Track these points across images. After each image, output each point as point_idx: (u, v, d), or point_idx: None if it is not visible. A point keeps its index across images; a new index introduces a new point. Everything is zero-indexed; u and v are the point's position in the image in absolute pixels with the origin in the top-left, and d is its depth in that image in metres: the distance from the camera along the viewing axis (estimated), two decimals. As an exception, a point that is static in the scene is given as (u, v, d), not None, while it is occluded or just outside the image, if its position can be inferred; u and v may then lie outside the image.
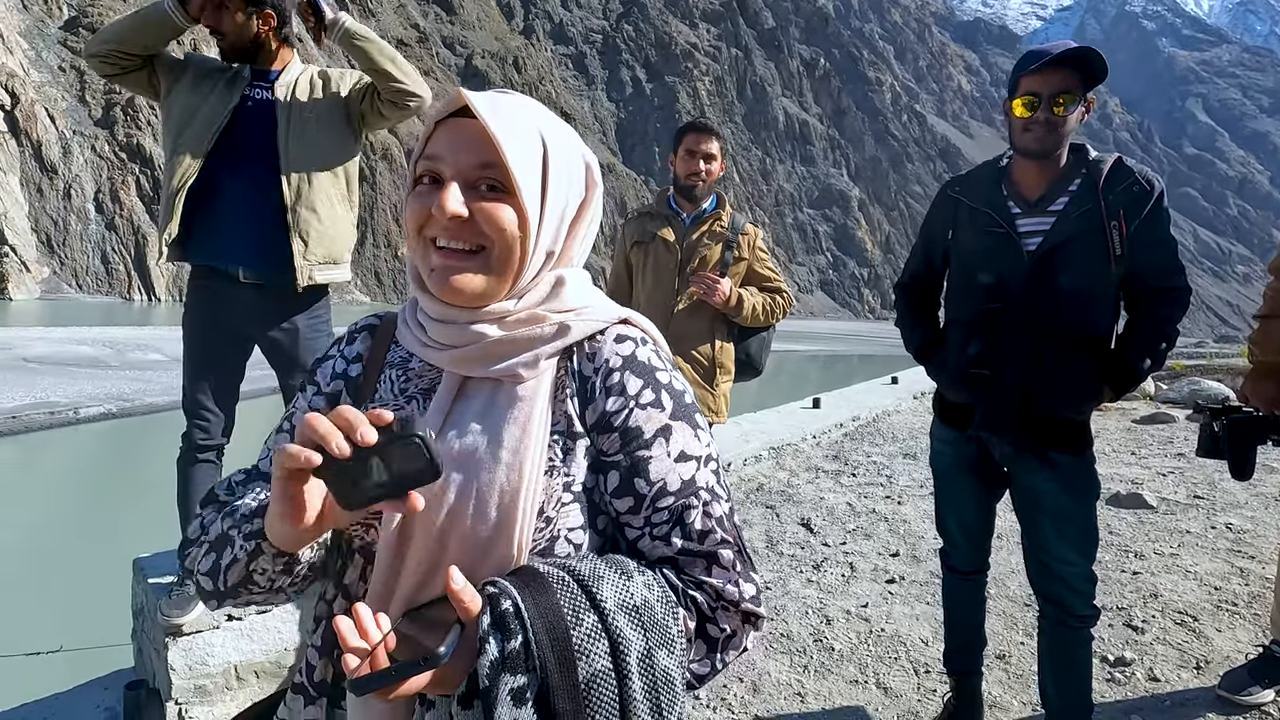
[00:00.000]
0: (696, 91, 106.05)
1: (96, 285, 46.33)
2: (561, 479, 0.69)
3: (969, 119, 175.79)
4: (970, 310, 1.74)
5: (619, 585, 0.63)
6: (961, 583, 2.00)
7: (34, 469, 11.14)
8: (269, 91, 2.08)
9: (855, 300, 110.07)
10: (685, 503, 0.69)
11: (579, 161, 0.74)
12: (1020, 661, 2.44)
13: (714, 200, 2.57)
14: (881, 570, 3.21)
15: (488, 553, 0.66)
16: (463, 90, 0.68)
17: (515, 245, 0.68)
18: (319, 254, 2.09)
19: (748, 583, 0.70)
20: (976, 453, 1.81)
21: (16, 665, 3.38)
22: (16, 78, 46.97)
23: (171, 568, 2.23)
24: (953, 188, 1.83)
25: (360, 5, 75.26)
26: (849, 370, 32.96)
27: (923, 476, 4.71)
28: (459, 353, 0.71)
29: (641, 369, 0.72)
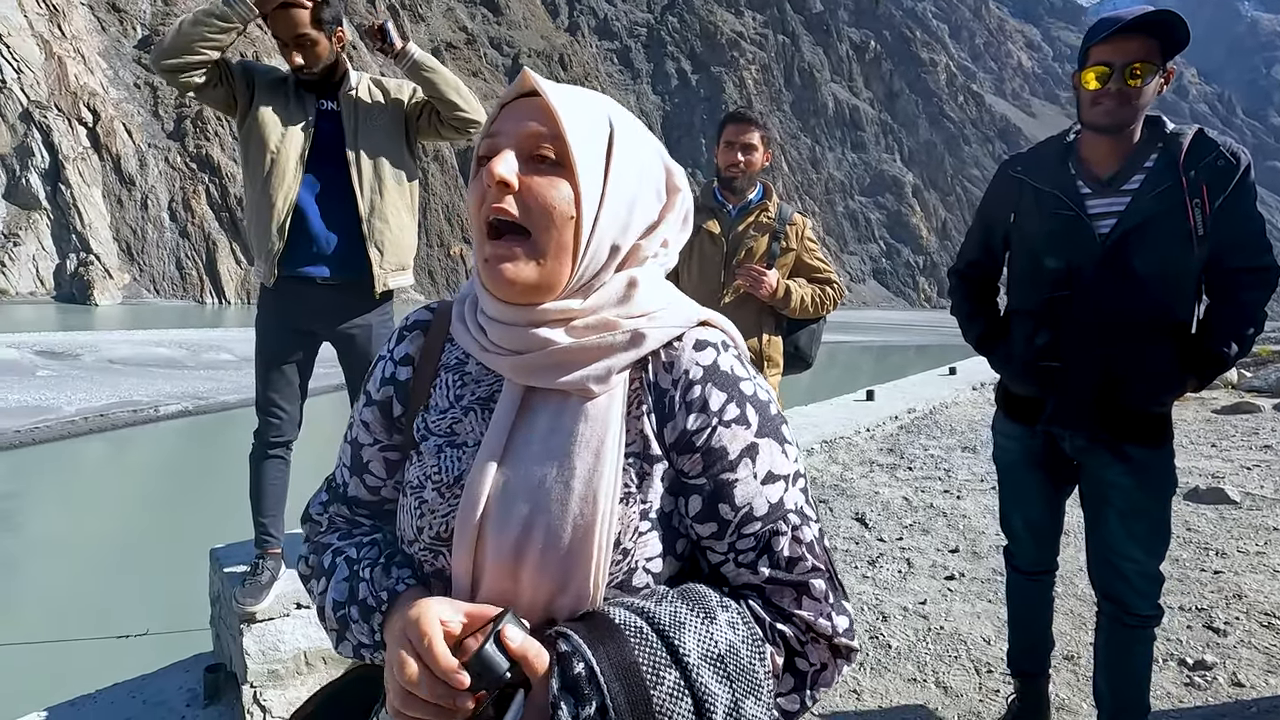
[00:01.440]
0: (743, 81, 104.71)
1: (172, 290, 49.01)
2: (638, 506, 0.64)
3: (1030, 97, 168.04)
4: (1037, 298, 1.65)
5: (702, 632, 0.58)
6: (1027, 582, 1.92)
7: (120, 463, 11.88)
8: (334, 103, 2.16)
9: (910, 289, 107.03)
10: (773, 528, 0.65)
11: (655, 161, 0.69)
12: (1091, 664, 2.34)
13: (760, 191, 2.53)
14: (940, 566, 3.12)
15: (563, 587, 0.61)
16: (529, 71, 0.64)
17: (568, 228, 0.62)
18: (392, 262, 2.21)
19: (840, 615, 0.66)
20: (1044, 447, 1.72)
21: (108, 646, 3.62)
22: (97, 96, 49.97)
23: (245, 557, 2.34)
24: (1014, 167, 1.71)
25: (410, 10, 77.07)
26: (904, 361, 32.08)
27: (983, 470, 4.55)
28: (522, 360, 0.65)
29: (725, 380, 0.66)
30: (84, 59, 50.81)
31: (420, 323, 0.77)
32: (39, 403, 13.63)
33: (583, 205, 0.62)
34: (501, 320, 0.66)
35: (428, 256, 60.70)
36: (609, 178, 0.64)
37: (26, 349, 19.75)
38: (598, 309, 0.65)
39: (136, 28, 55.93)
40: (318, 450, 2.52)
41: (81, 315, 36.56)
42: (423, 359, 0.74)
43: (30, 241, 45.12)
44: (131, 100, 52.68)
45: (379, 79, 2.28)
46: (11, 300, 42.29)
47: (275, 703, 2.14)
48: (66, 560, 7.76)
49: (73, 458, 11.50)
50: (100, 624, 4.76)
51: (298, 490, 2.31)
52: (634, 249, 0.67)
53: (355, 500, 0.78)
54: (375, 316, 2.26)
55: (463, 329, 0.70)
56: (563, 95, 0.64)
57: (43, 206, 45.93)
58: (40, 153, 46.21)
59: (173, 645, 3.03)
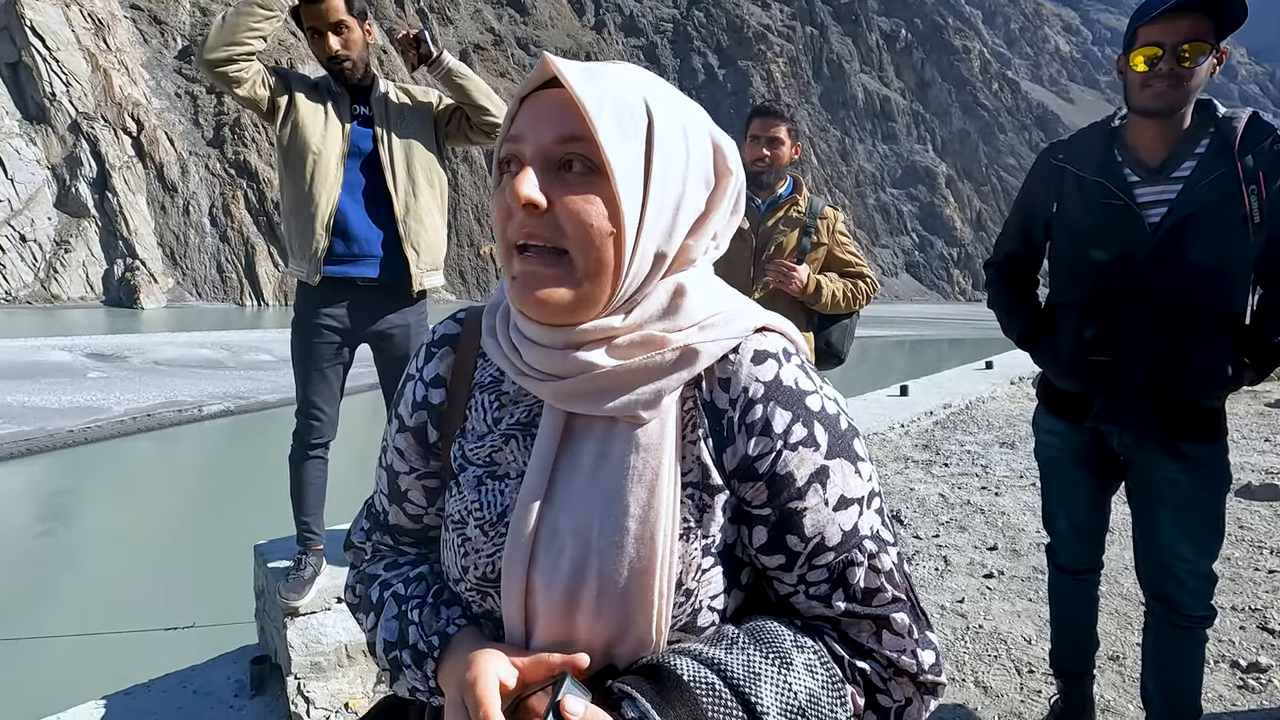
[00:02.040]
0: (771, 74, 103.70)
1: (213, 293, 50.47)
2: (699, 543, 0.58)
3: (1068, 83, 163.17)
4: (1083, 291, 1.58)
5: (779, 682, 0.53)
6: (1071, 582, 1.86)
7: (166, 461, 12.29)
8: (366, 107, 2.20)
9: (944, 282, 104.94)
10: (848, 558, 0.59)
11: (704, 141, 0.60)
12: (1137, 664, 2.27)
13: (790, 185, 2.51)
14: (978, 564, 3.06)
15: (623, 633, 0.57)
16: (549, 56, 0.54)
17: (608, 245, 0.55)
18: (427, 262, 2.26)
19: (925, 649, 0.60)
20: (1090, 444, 1.67)
21: (158, 638, 3.75)
22: (141, 106, 51.64)
23: (288, 553, 2.40)
24: (1056, 155, 1.65)
25: (439, 13, 78.00)
26: (938, 355, 31.49)
27: (1022, 466, 4.45)
28: (563, 386, 0.58)
29: (789, 397, 0.59)
30: (128, 71, 52.55)
31: (449, 337, 0.70)
32: (90, 403, 14.16)
33: (624, 219, 0.55)
34: (537, 342, 0.59)
35: (458, 257, 61.43)
36: (650, 179, 0.55)
37: (78, 351, 20.53)
38: (642, 324, 0.58)
39: (177, 39, 57.63)
40: (352, 448, 2.57)
41: (128, 318, 37.87)
42: (455, 378, 0.68)
43: (80, 248, 46.89)
44: (173, 109, 54.33)
45: (404, 85, 2.33)
46: (63, 305, 44.00)
47: (318, 694, 2.20)
48: (118, 554, 8.06)
49: (122, 456, 11.93)
50: (150, 616, 4.94)
51: (335, 486, 2.37)
52: (681, 250, 0.59)
53: (398, 529, 0.74)
54: (413, 315, 2.30)
55: (495, 345, 0.64)
56: (589, 84, 0.54)
57: (91, 214, 47.69)
58: (88, 162, 47.97)
59: (218, 637, 3.13)
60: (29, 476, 10.80)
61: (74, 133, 48.17)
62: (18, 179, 45.67)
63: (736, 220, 0.64)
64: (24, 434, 11.91)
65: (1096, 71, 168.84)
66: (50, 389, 15.22)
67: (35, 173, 46.67)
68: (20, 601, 6.88)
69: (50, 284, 45.15)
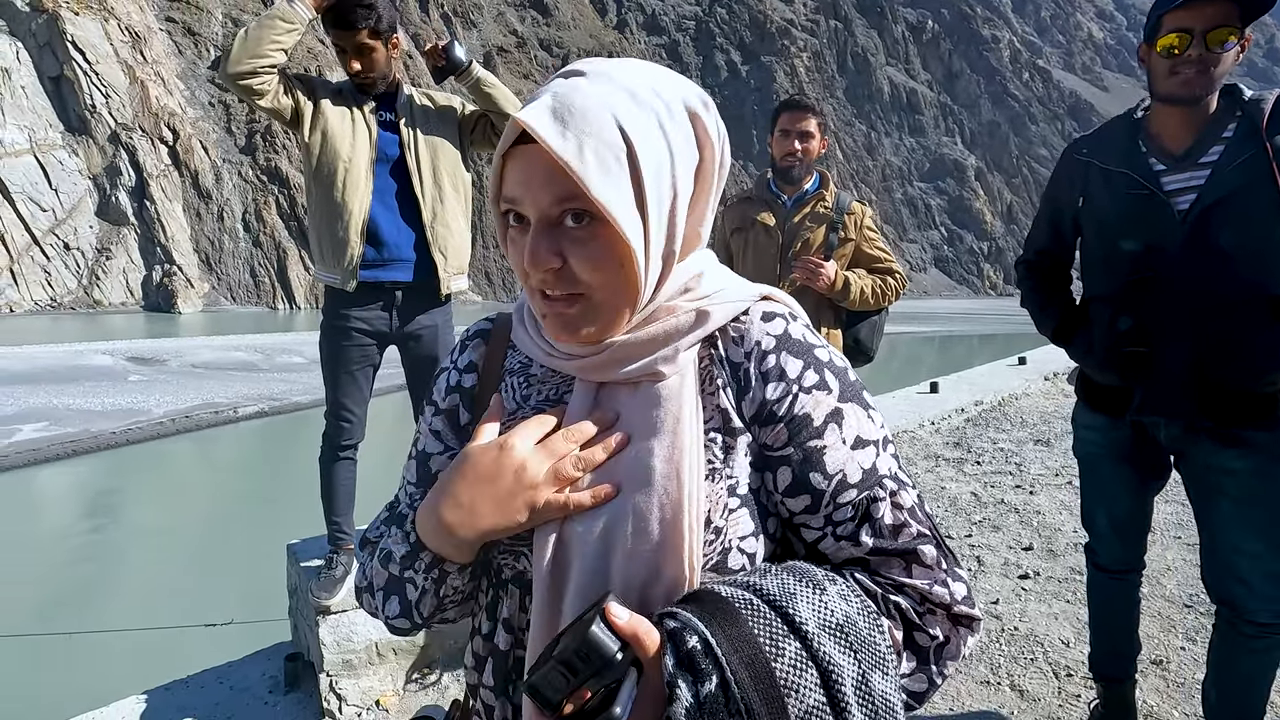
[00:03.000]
0: (794, 69, 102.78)
1: (247, 297, 51.63)
2: (725, 482, 0.61)
3: (1102, 70, 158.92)
4: (1115, 283, 1.58)
5: (814, 601, 0.54)
6: (1110, 581, 1.81)
7: (204, 461, 12.60)
8: (392, 113, 2.22)
9: (974, 276, 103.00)
10: (871, 494, 0.61)
11: (681, 124, 0.61)
12: (1181, 669, 2.21)
13: (817, 180, 2.48)
14: (1013, 565, 3.00)
15: (657, 575, 0.59)
16: (518, 117, 0.57)
17: (620, 275, 0.59)
18: (454, 266, 2.30)
19: (956, 581, 0.62)
20: (1132, 439, 1.64)
21: (198, 634, 3.84)
22: (176, 115, 53.03)
23: (320, 552, 2.44)
24: (1079, 150, 1.66)
25: (462, 17, 78.78)
26: (969, 351, 30.92)
27: (1057, 464, 4.34)
28: (588, 361, 0.64)
29: (799, 348, 0.64)
30: (164, 82, 54.01)
31: (482, 331, 0.77)
32: (131, 405, 14.59)
33: (633, 249, 0.58)
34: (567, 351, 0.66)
35: (483, 257, 62.01)
36: (645, 202, 0.58)
37: (119, 355, 21.15)
38: (658, 302, 0.64)
39: (210, 49, 59.07)
40: (380, 449, 2.61)
41: (167, 323, 38.94)
42: (487, 365, 0.73)
43: (120, 255, 48.32)
44: (207, 118, 55.71)
45: (427, 90, 2.35)
46: (105, 310, 45.41)
47: (350, 691, 2.23)
48: (159, 552, 8.29)
49: (162, 457, 12.26)
50: (191, 612, 5.07)
51: (364, 487, 2.40)
52: (689, 235, 0.64)
53: None
54: (440, 316, 2.33)
55: (525, 335, 0.69)
56: (565, 135, 0.55)
57: (130, 222, 49.10)
58: (127, 171, 49.40)
59: (255, 633, 3.20)
60: (74, 477, 11.16)
61: (113, 143, 49.67)
62: (61, 189, 47.23)
63: (722, 183, 0.66)
64: (69, 436, 12.31)
65: (1132, 58, 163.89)
66: (93, 392, 15.71)
67: (78, 183, 48.23)
68: (69, 598, 7.11)
69: (93, 290, 46.63)
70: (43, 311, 43.40)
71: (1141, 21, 1.60)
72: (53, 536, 8.92)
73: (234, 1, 62.12)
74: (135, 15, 55.02)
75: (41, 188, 46.34)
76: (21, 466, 11.11)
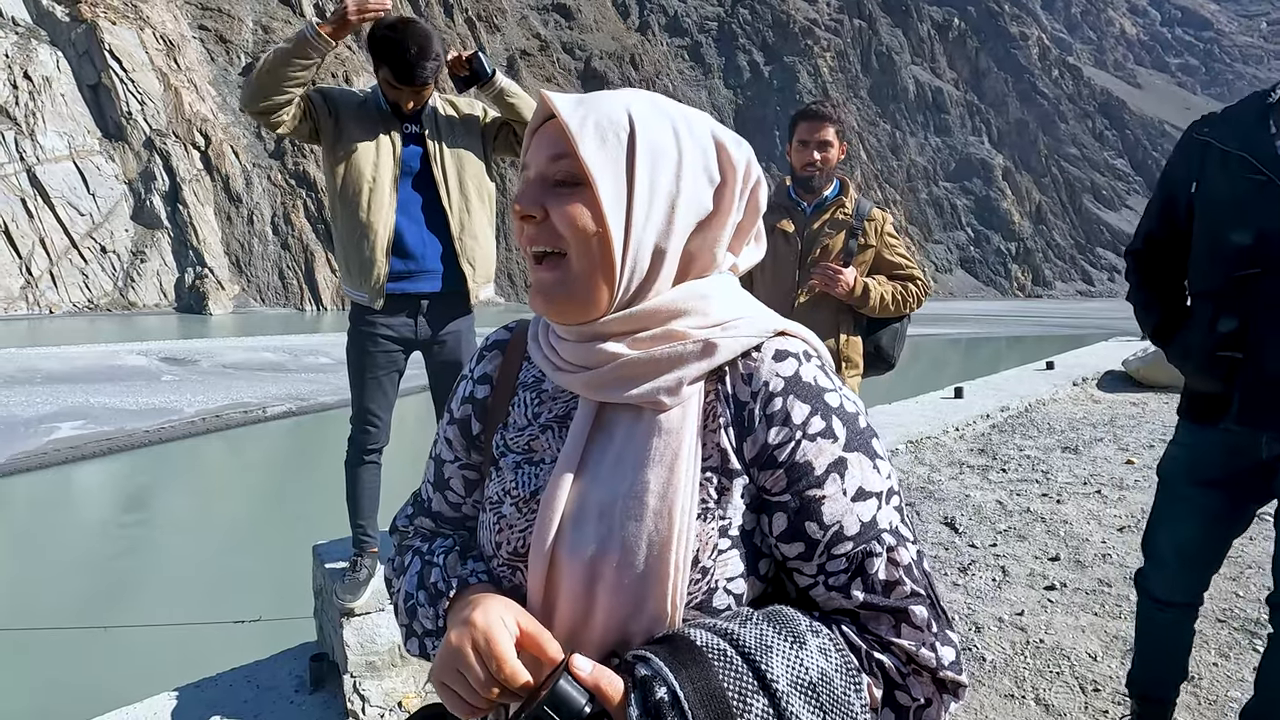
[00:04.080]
0: (818, 69, 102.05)
1: (275, 298, 52.62)
2: (717, 523, 0.61)
3: (1135, 67, 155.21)
4: (1219, 278, 1.44)
5: (790, 656, 0.54)
6: (1158, 613, 1.69)
7: (233, 459, 12.86)
8: (417, 125, 2.23)
9: (1001, 277, 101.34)
10: (866, 549, 0.60)
11: (702, 139, 0.63)
12: (1214, 686, 2.15)
13: (837, 186, 2.46)
14: (1039, 575, 2.94)
15: (640, 608, 0.59)
16: (544, 93, 0.61)
17: (593, 242, 0.60)
18: (482, 276, 2.32)
19: (945, 646, 0.60)
20: (1224, 455, 1.49)
21: (227, 629, 3.93)
22: (208, 121, 54.27)
23: (344, 553, 2.48)
24: (1201, 129, 1.51)
25: (486, 21, 79.48)
26: (994, 354, 30.43)
27: (1085, 473, 4.26)
28: (591, 376, 0.63)
29: (807, 391, 0.62)
30: (196, 88, 55.31)
31: (499, 343, 0.77)
32: (164, 405, 14.96)
33: (607, 218, 0.60)
34: (568, 339, 0.66)
35: (507, 260, 62.49)
36: (635, 180, 0.60)
37: (153, 356, 21.70)
38: (664, 321, 0.62)
39: (241, 56, 60.36)
40: (403, 451, 2.65)
41: (198, 324, 39.83)
42: (501, 378, 0.74)
43: (154, 258, 49.56)
44: (237, 124, 56.91)
45: (450, 98, 2.35)
46: (139, 312, 46.58)
47: (373, 692, 2.27)
48: (189, 548, 8.48)
49: (194, 455, 12.55)
50: (218, 607, 5.19)
51: (387, 489, 2.44)
52: (695, 250, 0.63)
53: (439, 515, 0.80)
54: (463, 323, 2.36)
55: (537, 348, 0.70)
56: (576, 109, 0.61)
57: (164, 225, 50.33)
58: (161, 176, 50.65)
59: (281, 630, 3.27)
60: (109, 474, 11.47)
61: (148, 149, 50.96)
62: (98, 194, 48.59)
63: (756, 219, 0.67)
64: (105, 434, 12.66)
65: (1166, 54, 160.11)
66: (128, 391, 16.13)
67: (114, 188, 49.58)
68: (105, 592, 7.31)
69: (128, 292, 47.87)
70: (80, 313, 44.66)
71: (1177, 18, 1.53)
72: (90, 532, 9.18)
73: (264, 9, 63.40)
74: (170, 24, 56.44)
75: (80, 192, 47.72)
76: (60, 464, 11.44)
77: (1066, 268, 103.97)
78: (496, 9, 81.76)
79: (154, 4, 55.84)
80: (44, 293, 44.53)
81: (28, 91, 47.38)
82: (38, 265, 44.68)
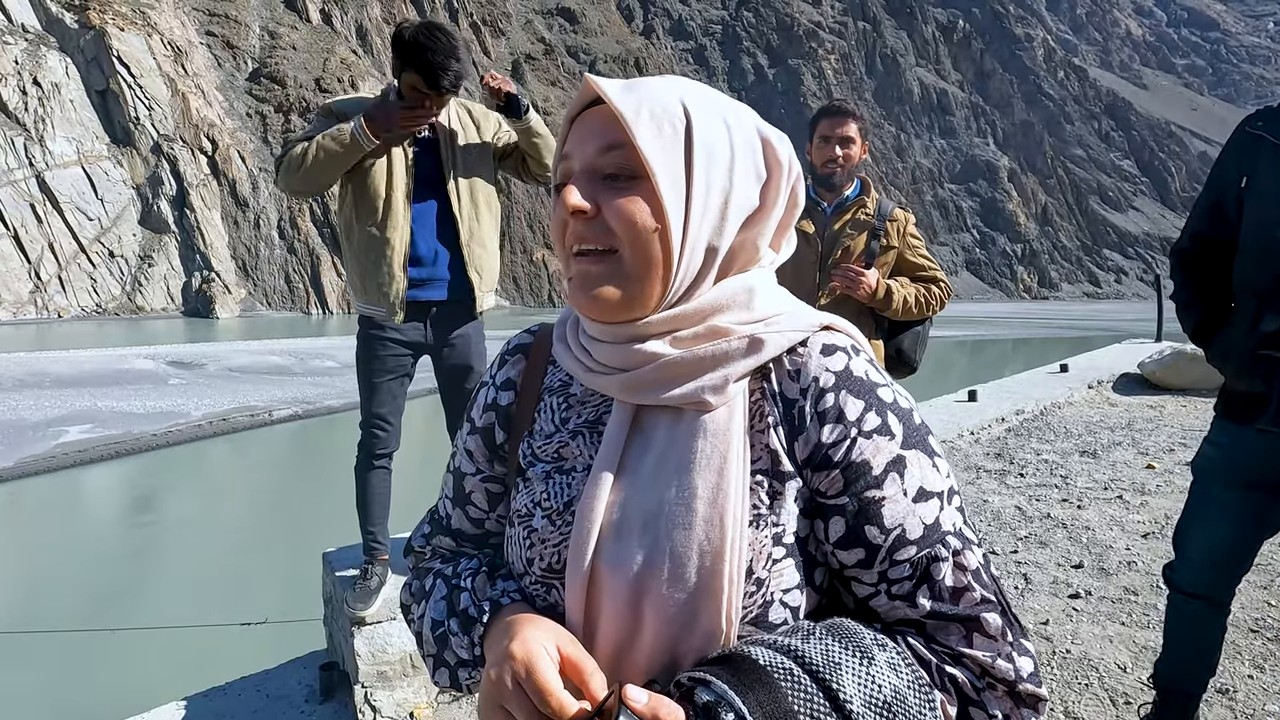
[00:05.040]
0: (822, 72, 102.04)
1: (281, 302, 52.81)
2: (770, 530, 0.57)
3: (1141, 67, 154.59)
4: (1267, 276, 1.42)
5: (861, 674, 0.50)
6: (1185, 604, 1.67)
7: (240, 463, 12.87)
8: (431, 130, 2.22)
9: (1007, 279, 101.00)
10: (931, 553, 0.56)
11: (750, 136, 0.61)
12: (1250, 699, 2.09)
13: (858, 186, 2.41)
14: (1062, 583, 2.88)
15: (691, 625, 0.55)
16: (590, 76, 0.58)
17: (654, 241, 0.56)
18: (487, 284, 2.33)
19: (1023, 656, 0.56)
20: (1260, 456, 1.48)
21: (233, 632, 3.90)
22: (216, 126, 54.56)
23: (354, 560, 2.45)
24: (1255, 122, 1.48)
25: (491, 25, 79.76)
26: (1001, 356, 30.33)
27: (1105, 477, 4.19)
28: (629, 377, 0.59)
29: (860, 387, 0.59)
30: (203, 94, 55.63)
31: (521, 346, 0.73)
32: (171, 408, 14.98)
33: (668, 215, 0.56)
34: (604, 339, 0.61)
35: (512, 263, 62.57)
36: (693, 176, 0.57)
37: (160, 360, 21.76)
38: (706, 317, 0.59)
39: (248, 62, 60.70)
40: (410, 453, 2.61)
41: (205, 328, 39.99)
42: (525, 383, 0.70)
43: (162, 262, 49.81)
44: (244, 129, 57.22)
45: (465, 103, 2.34)
46: (147, 316, 46.82)
47: (384, 703, 2.22)
48: (197, 551, 8.47)
49: (201, 459, 12.56)
50: (226, 610, 5.17)
51: (396, 494, 2.40)
52: (739, 246, 0.61)
53: (459, 533, 0.74)
54: (472, 327, 2.36)
55: (565, 350, 0.66)
56: (627, 96, 0.57)
57: (171, 230, 50.59)
58: (169, 181, 50.93)
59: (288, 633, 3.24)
60: (117, 478, 11.48)
61: (156, 154, 51.25)
62: (106, 199, 48.88)
63: (797, 212, 0.65)
64: (113, 438, 12.67)
65: (1172, 55, 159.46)
66: (136, 395, 16.16)
67: (122, 192, 49.87)
68: (113, 594, 7.30)
69: (135, 296, 48.11)
70: (89, 317, 44.91)
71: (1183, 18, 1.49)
72: (97, 535, 9.18)
73: (271, 15, 63.78)
74: (177, 30, 56.83)
75: (88, 197, 48.03)
76: (68, 467, 11.46)
77: (1073, 269, 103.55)
78: (501, 13, 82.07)
79: (162, 10, 56.21)
80: (52, 297, 44.80)
81: (37, 98, 47.74)
82: (46, 270, 44.96)
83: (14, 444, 12.01)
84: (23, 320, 41.38)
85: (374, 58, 64.41)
